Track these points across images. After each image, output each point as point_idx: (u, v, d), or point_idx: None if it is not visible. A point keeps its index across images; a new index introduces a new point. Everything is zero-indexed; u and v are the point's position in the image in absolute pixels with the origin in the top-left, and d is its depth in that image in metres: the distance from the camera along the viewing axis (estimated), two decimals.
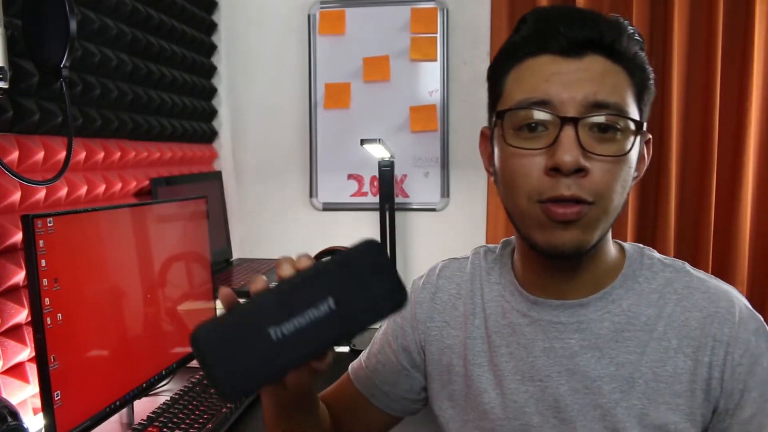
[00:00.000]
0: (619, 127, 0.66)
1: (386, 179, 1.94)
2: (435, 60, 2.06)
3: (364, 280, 0.51)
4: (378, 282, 0.51)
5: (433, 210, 2.11)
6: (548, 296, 0.74)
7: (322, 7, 2.11)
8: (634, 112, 0.68)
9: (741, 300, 0.71)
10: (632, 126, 0.67)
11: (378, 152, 1.88)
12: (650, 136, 0.74)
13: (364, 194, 2.15)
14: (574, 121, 0.64)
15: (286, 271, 0.52)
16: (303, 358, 0.50)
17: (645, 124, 0.69)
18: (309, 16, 2.12)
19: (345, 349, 1.82)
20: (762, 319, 0.71)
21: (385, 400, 0.84)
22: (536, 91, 0.66)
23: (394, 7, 2.07)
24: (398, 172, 2.07)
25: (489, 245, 0.86)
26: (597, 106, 0.65)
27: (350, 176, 2.15)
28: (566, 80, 0.66)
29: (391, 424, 0.88)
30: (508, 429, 0.74)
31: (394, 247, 1.97)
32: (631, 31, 0.69)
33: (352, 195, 2.16)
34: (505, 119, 0.69)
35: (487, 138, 0.76)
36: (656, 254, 0.77)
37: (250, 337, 0.48)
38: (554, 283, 0.73)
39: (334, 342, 0.51)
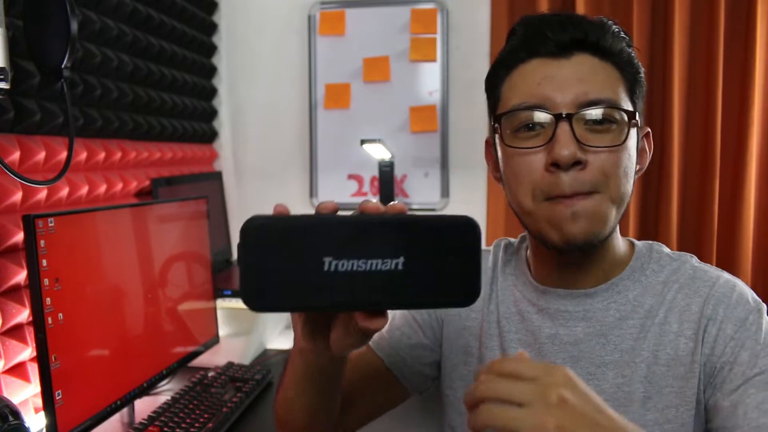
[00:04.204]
0: (613, 119, 0.69)
1: (386, 179, 1.94)
2: (435, 60, 2.06)
3: (445, 257, 0.45)
4: (458, 268, 0.45)
5: (433, 210, 2.12)
6: (557, 287, 0.76)
7: (322, 8, 2.11)
8: (627, 105, 0.70)
9: (744, 288, 0.73)
10: (626, 117, 0.69)
11: (378, 152, 1.88)
12: (649, 129, 0.77)
13: (364, 194, 2.15)
14: (569, 117, 0.67)
15: (371, 206, 0.47)
16: (345, 304, 0.46)
17: (639, 115, 0.71)
18: (309, 17, 2.12)
19: None
20: (766, 306, 0.72)
21: (406, 371, 0.85)
22: (530, 96, 0.70)
23: (394, 8, 2.07)
24: (398, 172, 2.08)
25: (510, 238, 0.89)
26: (590, 104, 0.68)
27: (350, 176, 2.15)
28: (557, 81, 0.69)
29: (401, 399, 0.88)
30: None
31: None
32: (616, 29, 0.72)
33: (352, 195, 2.16)
34: (503, 122, 0.72)
35: (490, 146, 0.80)
36: (665, 249, 0.79)
37: (302, 257, 0.43)
38: (563, 276, 0.76)
39: (382, 303, 0.46)
